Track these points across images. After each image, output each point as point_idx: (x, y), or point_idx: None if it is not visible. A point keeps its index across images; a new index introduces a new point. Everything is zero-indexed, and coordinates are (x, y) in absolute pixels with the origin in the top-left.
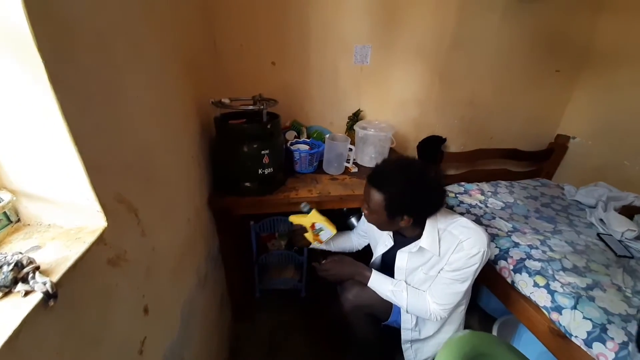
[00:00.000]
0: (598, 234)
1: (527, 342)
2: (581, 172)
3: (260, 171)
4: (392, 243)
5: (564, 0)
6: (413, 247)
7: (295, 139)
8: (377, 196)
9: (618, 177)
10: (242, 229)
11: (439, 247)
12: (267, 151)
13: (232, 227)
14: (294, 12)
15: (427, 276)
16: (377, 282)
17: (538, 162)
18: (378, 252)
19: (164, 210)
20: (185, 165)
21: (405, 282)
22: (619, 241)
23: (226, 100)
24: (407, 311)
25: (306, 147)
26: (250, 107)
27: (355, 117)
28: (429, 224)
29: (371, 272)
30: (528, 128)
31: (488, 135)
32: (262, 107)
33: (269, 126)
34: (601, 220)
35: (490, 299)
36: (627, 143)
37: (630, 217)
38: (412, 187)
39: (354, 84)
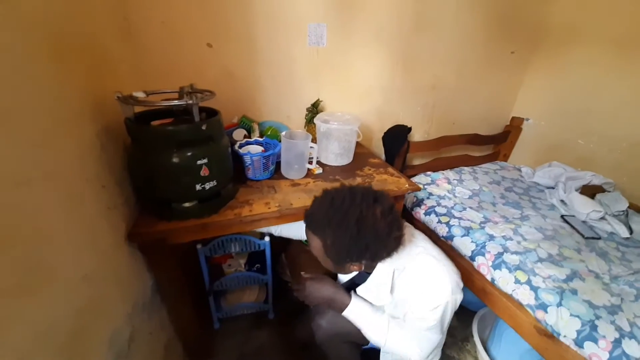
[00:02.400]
0: (562, 216)
1: (510, 339)
2: (536, 152)
3: (199, 186)
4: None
5: None
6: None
7: (246, 139)
8: (315, 241)
9: (573, 155)
10: (186, 253)
11: (393, 290)
12: (205, 160)
13: (170, 257)
14: None
15: (394, 315)
16: (355, 312)
17: (496, 145)
18: (341, 280)
19: (17, 284)
20: (69, 197)
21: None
22: (583, 222)
23: (140, 94)
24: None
25: (259, 148)
26: (175, 102)
27: (315, 108)
28: (381, 266)
29: (350, 299)
30: (487, 112)
31: (450, 121)
32: (190, 101)
33: (204, 127)
34: (562, 201)
35: (465, 291)
36: (580, 122)
37: (592, 197)
38: (349, 234)
39: (310, 71)
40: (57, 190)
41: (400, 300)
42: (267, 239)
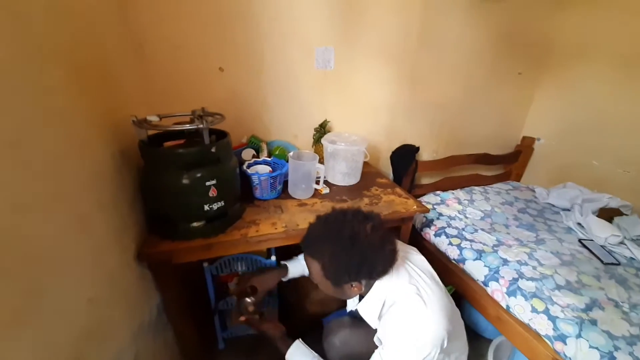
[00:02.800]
0: (580, 240)
1: None
2: (549, 172)
3: (207, 207)
4: (358, 301)
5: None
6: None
7: (254, 159)
8: (314, 265)
9: (587, 176)
10: (193, 271)
11: (380, 318)
12: (213, 181)
13: (177, 275)
14: (243, 7)
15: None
16: (293, 358)
17: (507, 165)
18: (350, 307)
19: (18, 310)
20: (80, 219)
21: None
22: (602, 246)
23: (154, 118)
24: None
25: (267, 168)
26: (187, 126)
27: (322, 128)
28: (377, 288)
29: (288, 346)
30: (496, 131)
31: (459, 140)
32: (201, 125)
33: (213, 149)
34: (579, 224)
35: (479, 317)
36: (593, 142)
37: (609, 220)
38: (344, 248)
39: (318, 92)
40: (67, 213)
41: (382, 333)
42: (273, 258)
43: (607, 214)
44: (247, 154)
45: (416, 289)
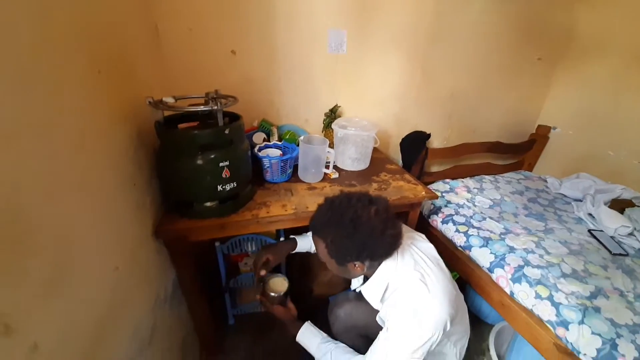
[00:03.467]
0: (589, 231)
1: (529, 355)
2: (563, 163)
3: (220, 187)
4: (362, 282)
5: None
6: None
7: (265, 143)
8: (320, 244)
9: (602, 167)
10: (205, 251)
11: (383, 301)
12: (226, 162)
13: (191, 253)
14: None
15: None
16: (302, 342)
17: (520, 154)
18: (353, 286)
19: (54, 276)
20: (103, 197)
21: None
22: (611, 237)
23: (169, 100)
24: None
25: (277, 152)
26: (202, 108)
27: (333, 113)
28: (381, 271)
29: (299, 328)
30: (509, 119)
31: (471, 128)
32: (215, 107)
33: (226, 132)
34: (590, 214)
35: (482, 303)
36: (609, 133)
37: (621, 211)
38: (346, 231)
39: (329, 77)
40: (93, 193)
41: (385, 315)
42: (282, 239)
43: (619, 205)
44: (258, 137)
45: (420, 275)
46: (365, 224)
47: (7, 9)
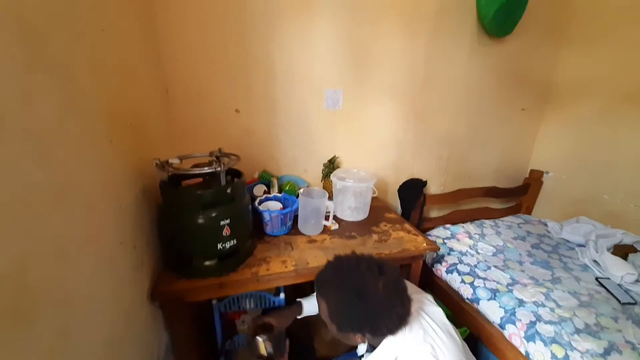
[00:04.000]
0: (597, 279)
1: None
2: (561, 206)
3: (220, 245)
4: (367, 347)
5: (526, 39)
6: None
7: (265, 195)
8: (322, 305)
9: (600, 210)
10: (201, 308)
11: None
12: (227, 220)
13: (186, 314)
14: (257, 53)
15: None
16: None
17: (516, 198)
18: (360, 351)
19: (54, 345)
20: (103, 260)
21: None
22: (619, 285)
23: (175, 161)
24: None
25: (277, 205)
26: (206, 169)
27: (331, 164)
28: (388, 343)
29: None
30: (503, 164)
31: (466, 173)
32: (218, 168)
33: (228, 190)
34: (595, 261)
35: None
36: (603, 176)
37: (624, 257)
38: (350, 300)
39: (327, 129)
40: (96, 254)
41: None
42: (282, 295)
43: (622, 251)
44: (259, 189)
45: (431, 348)
46: (372, 298)
47: (39, 86)
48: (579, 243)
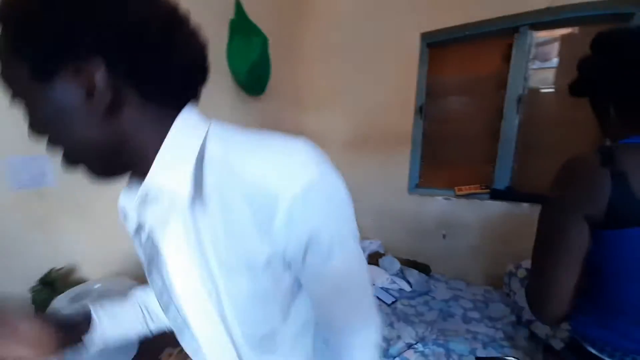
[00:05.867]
0: None
1: None
2: None
3: None
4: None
5: (277, 100)
6: None
7: None
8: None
9: None
10: None
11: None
12: None
13: None
14: None
15: None
16: None
17: None
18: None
19: None
20: None
21: None
22: (381, 287)
23: None
24: None
25: None
26: None
27: (50, 284)
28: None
29: None
30: None
31: None
32: None
33: None
34: None
35: None
36: None
37: (377, 264)
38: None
39: (32, 223)
40: None
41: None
42: None
43: (374, 258)
44: None
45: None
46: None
47: None
48: None
